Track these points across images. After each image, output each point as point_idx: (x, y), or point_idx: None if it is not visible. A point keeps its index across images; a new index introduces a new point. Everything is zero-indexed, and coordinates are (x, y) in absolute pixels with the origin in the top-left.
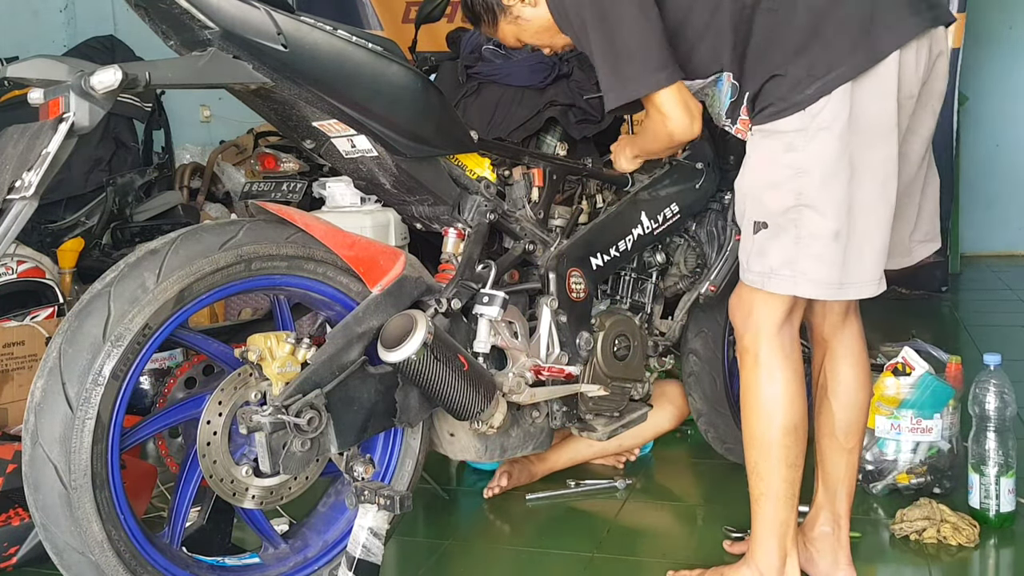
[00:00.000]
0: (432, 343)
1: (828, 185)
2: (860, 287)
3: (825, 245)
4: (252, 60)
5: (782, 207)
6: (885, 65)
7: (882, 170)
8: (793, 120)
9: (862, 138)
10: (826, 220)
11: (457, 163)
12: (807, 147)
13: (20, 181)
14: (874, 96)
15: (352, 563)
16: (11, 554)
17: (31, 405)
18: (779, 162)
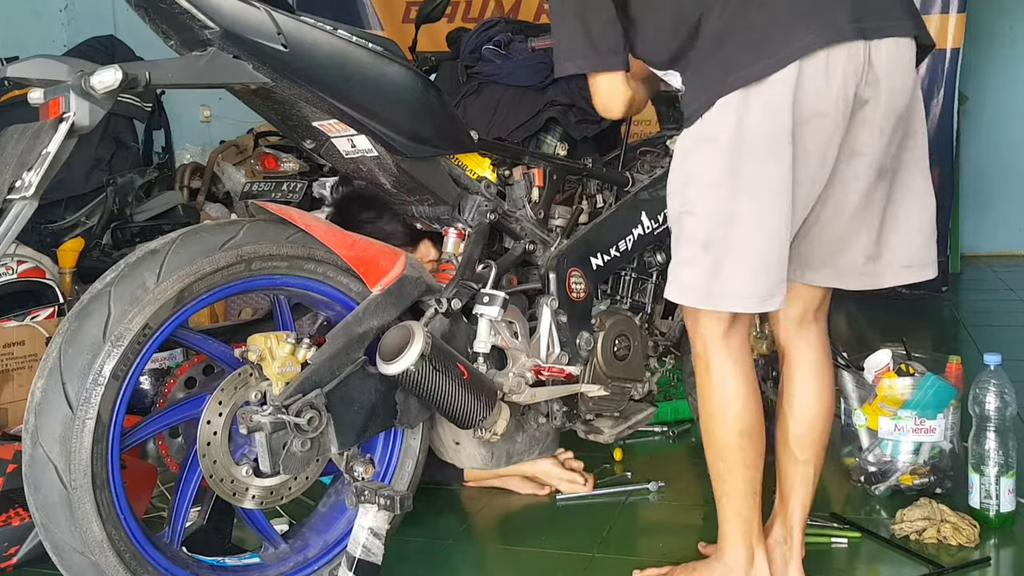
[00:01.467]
0: (430, 354)
1: (705, 194)
2: (732, 299)
3: (695, 252)
4: (252, 60)
5: (674, 213)
6: (780, 76)
7: (768, 185)
8: (692, 129)
9: (747, 150)
10: (699, 228)
11: (457, 163)
12: (694, 155)
13: (20, 181)
14: (763, 108)
15: (352, 563)
16: (11, 554)
17: (31, 405)
18: (676, 169)
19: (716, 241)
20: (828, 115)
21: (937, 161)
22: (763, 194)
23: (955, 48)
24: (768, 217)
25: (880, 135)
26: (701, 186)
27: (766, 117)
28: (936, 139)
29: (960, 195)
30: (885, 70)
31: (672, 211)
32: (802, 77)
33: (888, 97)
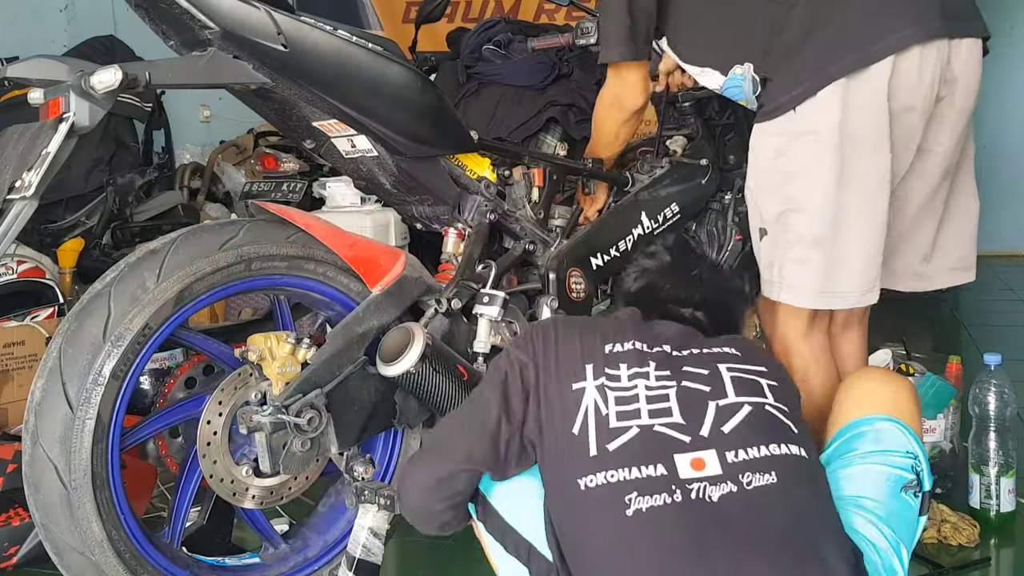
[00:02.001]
0: (430, 355)
1: (812, 190)
2: (843, 297)
3: (807, 251)
4: (252, 60)
5: (775, 212)
6: (878, 69)
7: (870, 181)
8: (781, 122)
9: (850, 144)
10: (811, 227)
11: (457, 163)
12: (794, 151)
13: (20, 181)
14: (864, 101)
15: (352, 563)
16: (11, 554)
17: (31, 405)
18: (771, 167)
19: (826, 237)
20: (916, 110)
21: None
22: (870, 187)
23: None
24: (875, 210)
25: (951, 134)
26: (808, 182)
27: (868, 109)
28: None
29: None
30: (962, 69)
31: (770, 211)
32: (897, 71)
33: (963, 96)
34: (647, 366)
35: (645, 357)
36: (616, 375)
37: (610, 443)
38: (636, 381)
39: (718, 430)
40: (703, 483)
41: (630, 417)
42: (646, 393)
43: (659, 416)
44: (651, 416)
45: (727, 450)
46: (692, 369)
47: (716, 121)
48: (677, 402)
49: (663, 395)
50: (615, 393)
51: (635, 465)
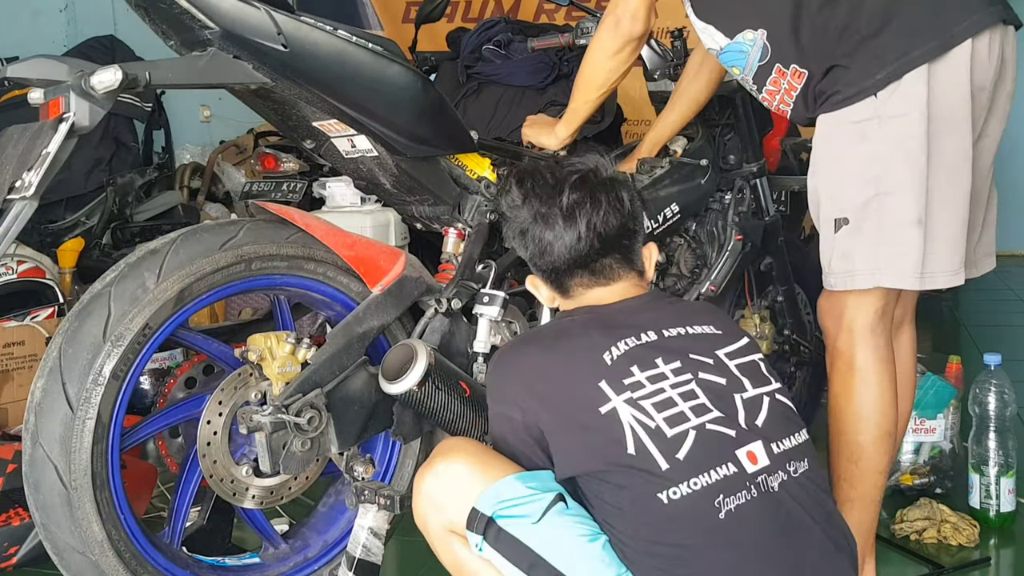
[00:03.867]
0: (433, 373)
1: (906, 172)
2: (943, 276)
3: (907, 233)
4: (252, 60)
5: (863, 199)
6: (960, 51)
7: (956, 159)
8: (864, 107)
9: (937, 124)
10: (907, 208)
11: (457, 163)
12: (882, 134)
13: (20, 181)
14: (948, 82)
15: (352, 563)
16: (11, 554)
17: (31, 405)
18: (854, 153)
19: (923, 217)
20: (986, 90)
21: None
22: (956, 166)
23: None
24: (961, 189)
25: (1002, 119)
26: (903, 163)
27: (954, 90)
28: None
29: None
30: (1011, 54)
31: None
32: (975, 52)
33: (1011, 79)
34: (655, 365)
35: (646, 353)
36: (636, 382)
37: (677, 452)
38: (658, 384)
39: (753, 423)
40: (764, 475)
41: (680, 421)
42: (675, 392)
43: (702, 413)
44: (696, 415)
45: (770, 442)
46: (698, 357)
47: (716, 121)
48: (706, 396)
49: (691, 391)
50: (648, 400)
51: (710, 468)
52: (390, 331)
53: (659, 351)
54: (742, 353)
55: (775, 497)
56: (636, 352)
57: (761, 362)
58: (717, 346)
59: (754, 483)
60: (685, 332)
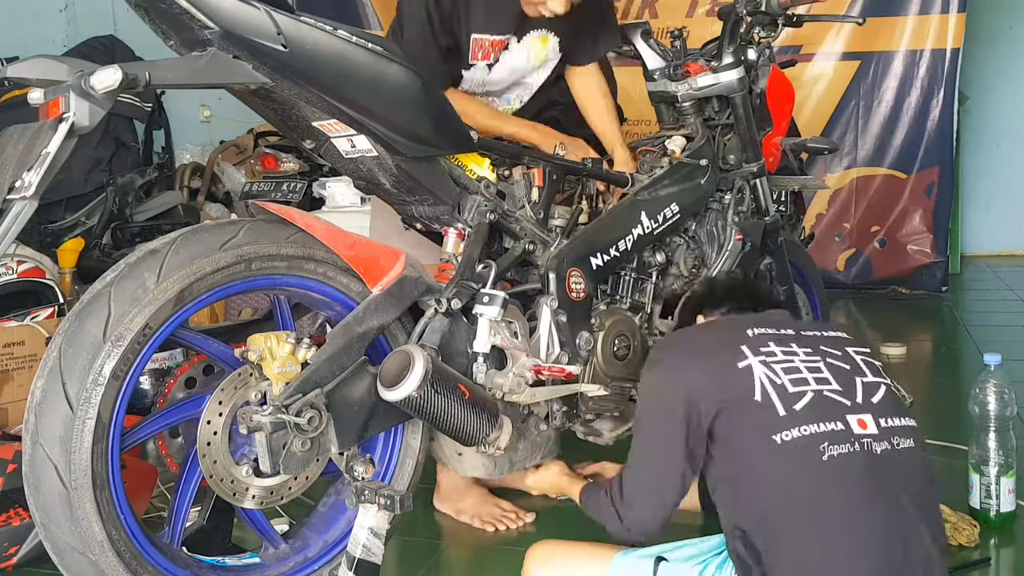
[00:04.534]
0: (431, 377)
1: None
2: None
3: None
4: (252, 60)
5: None
6: None
7: None
8: None
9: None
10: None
11: (457, 163)
12: None
13: (20, 181)
14: None
15: (352, 563)
16: (11, 554)
17: (31, 405)
18: None
19: None
20: None
21: (937, 161)
22: None
23: (955, 48)
24: None
25: None
26: None
27: None
28: (936, 139)
29: (960, 195)
30: None
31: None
32: None
33: None
34: (791, 345)
35: (783, 338)
36: (771, 351)
37: (795, 404)
38: (791, 357)
39: (868, 400)
40: (869, 439)
41: (802, 384)
42: (804, 363)
43: (823, 384)
44: (817, 383)
45: (879, 417)
46: (828, 348)
47: (716, 121)
48: (830, 373)
49: (817, 366)
50: (779, 365)
51: (821, 421)
52: (390, 331)
53: (794, 340)
54: (867, 355)
55: (875, 457)
56: (775, 336)
57: (881, 367)
58: (847, 344)
59: (859, 441)
60: (820, 334)
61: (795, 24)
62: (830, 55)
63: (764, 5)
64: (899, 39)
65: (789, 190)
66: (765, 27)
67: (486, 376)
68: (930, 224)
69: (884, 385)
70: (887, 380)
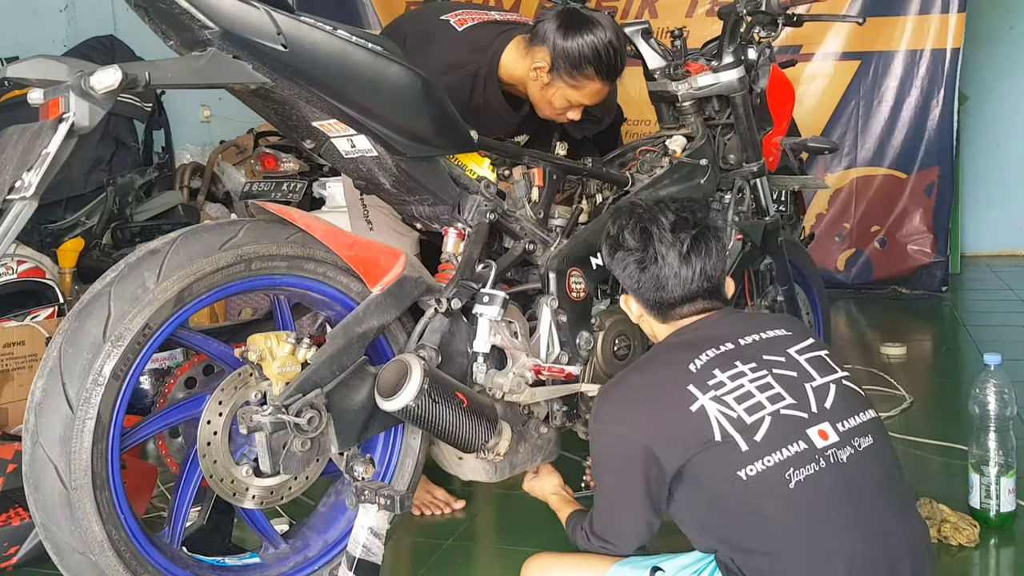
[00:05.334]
0: (429, 386)
1: None
2: None
3: None
4: (252, 60)
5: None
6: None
7: None
8: None
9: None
10: None
11: (457, 163)
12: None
13: (20, 181)
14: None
15: (352, 563)
16: (11, 554)
17: (31, 405)
18: None
19: None
20: None
21: (937, 161)
22: None
23: (955, 48)
24: None
25: None
26: None
27: None
28: (936, 139)
29: (960, 195)
30: None
31: None
32: None
33: None
34: (734, 364)
35: (725, 358)
36: (718, 382)
37: (755, 435)
38: (738, 381)
39: (822, 406)
40: (832, 449)
41: (757, 409)
42: (753, 387)
43: (777, 401)
44: (771, 403)
45: (836, 421)
46: (771, 357)
47: (716, 120)
48: (781, 387)
49: (767, 383)
50: (730, 395)
51: (783, 446)
52: (390, 331)
53: (736, 356)
54: (810, 349)
55: (843, 467)
56: (717, 359)
57: (827, 356)
58: (787, 345)
59: (823, 456)
60: (759, 338)
61: (795, 24)
62: (830, 55)
63: (764, 5)
64: (899, 39)
65: (789, 190)
66: (765, 27)
67: (486, 376)
68: (930, 224)
69: (832, 383)
70: (835, 371)
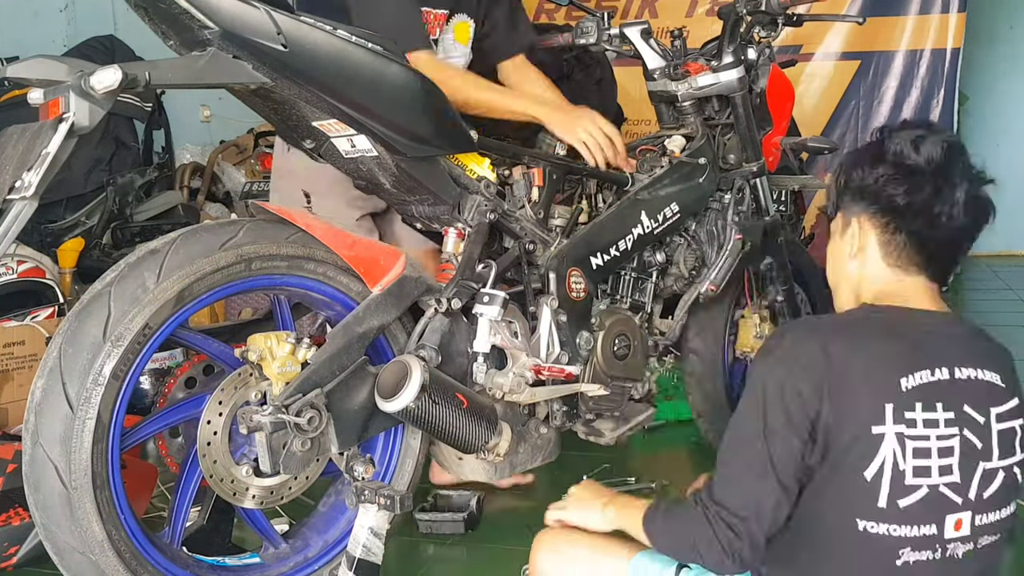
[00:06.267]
0: (429, 387)
1: None
2: None
3: None
4: (252, 60)
5: None
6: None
7: None
8: None
9: None
10: None
11: (457, 163)
12: None
13: (20, 181)
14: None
15: (352, 563)
16: (11, 554)
17: (31, 405)
18: None
19: None
20: None
21: None
22: None
23: (955, 48)
24: None
25: None
26: None
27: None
28: None
29: None
30: None
31: None
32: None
33: None
34: (936, 408)
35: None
36: (912, 419)
37: (901, 500)
38: (929, 431)
39: (980, 495)
40: (956, 542)
41: (923, 475)
42: (937, 445)
43: (944, 474)
44: (939, 474)
45: (979, 513)
46: (971, 412)
47: (715, 120)
48: (959, 457)
49: (949, 447)
50: (912, 444)
51: (917, 524)
52: (390, 331)
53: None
54: (1010, 416)
55: (954, 563)
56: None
57: (1021, 429)
58: (993, 402)
59: (944, 547)
60: (973, 377)
61: (795, 24)
62: (830, 55)
63: (764, 4)
64: (899, 39)
65: (789, 190)
66: (765, 26)
67: (486, 376)
68: None
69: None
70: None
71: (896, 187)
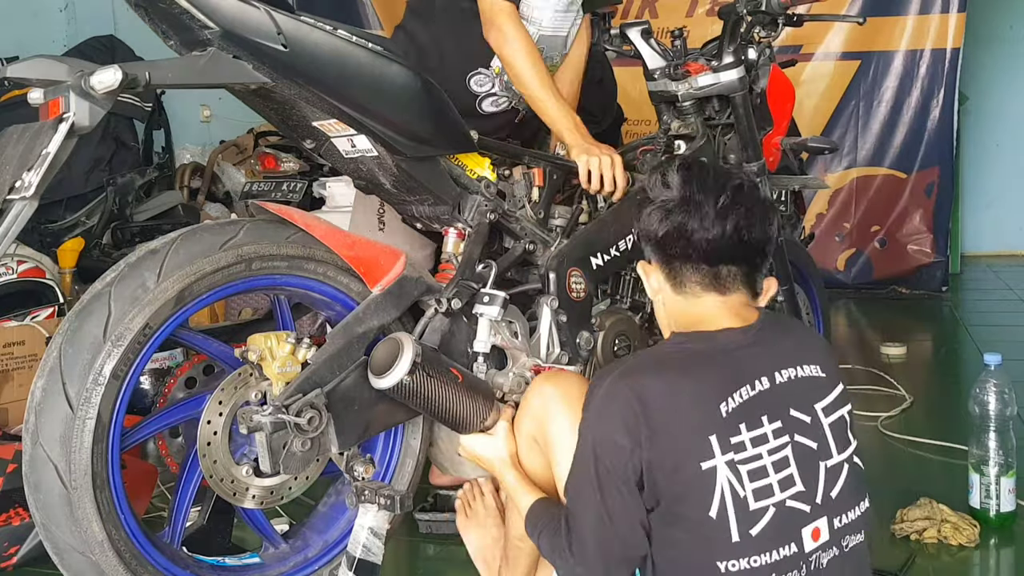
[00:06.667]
0: (421, 363)
1: None
2: None
3: None
4: (252, 60)
5: None
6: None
7: None
8: None
9: None
10: None
11: (457, 163)
12: None
13: (20, 181)
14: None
15: (352, 563)
16: (11, 554)
17: (31, 405)
18: None
19: None
20: None
21: (937, 161)
22: None
23: (955, 48)
24: None
25: None
26: None
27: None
28: (936, 139)
29: (960, 195)
30: None
31: None
32: None
33: None
34: (762, 423)
35: (755, 408)
36: (740, 443)
37: (752, 528)
38: (759, 449)
39: (828, 496)
40: (819, 552)
41: (766, 495)
42: (771, 460)
43: (787, 487)
44: (781, 489)
45: (835, 516)
46: (797, 414)
47: (716, 120)
48: (796, 465)
49: (784, 458)
50: (745, 468)
51: (775, 548)
52: (390, 331)
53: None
54: (836, 407)
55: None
56: (748, 406)
57: (848, 416)
58: (817, 397)
59: (807, 561)
60: (794, 376)
61: (795, 24)
62: (830, 55)
63: (764, 4)
64: (899, 39)
65: (789, 190)
66: (765, 26)
67: (486, 376)
68: (930, 224)
69: (846, 462)
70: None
71: (654, 222)
